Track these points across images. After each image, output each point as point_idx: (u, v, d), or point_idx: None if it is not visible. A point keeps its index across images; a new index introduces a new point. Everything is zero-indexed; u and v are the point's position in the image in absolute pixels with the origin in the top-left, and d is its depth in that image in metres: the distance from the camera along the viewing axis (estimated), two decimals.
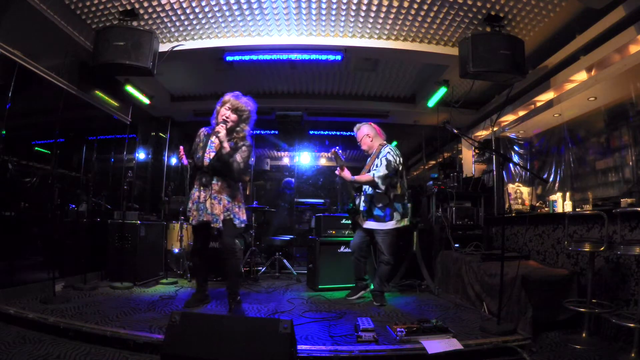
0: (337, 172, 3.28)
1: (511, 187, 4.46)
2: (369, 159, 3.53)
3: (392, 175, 3.33)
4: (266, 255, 5.26)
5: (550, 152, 5.23)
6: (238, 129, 2.98)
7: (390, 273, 3.50)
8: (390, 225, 3.34)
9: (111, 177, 4.82)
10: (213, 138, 2.96)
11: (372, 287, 3.51)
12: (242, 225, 2.96)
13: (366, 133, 3.56)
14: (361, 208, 3.45)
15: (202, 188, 2.90)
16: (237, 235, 3.08)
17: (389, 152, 3.38)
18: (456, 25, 3.61)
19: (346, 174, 3.27)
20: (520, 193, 4.41)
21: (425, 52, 3.94)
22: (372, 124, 3.64)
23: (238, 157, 2.84)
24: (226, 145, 2.79)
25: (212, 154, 2.93)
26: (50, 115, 3.76)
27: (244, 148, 2.90)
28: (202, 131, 3.08)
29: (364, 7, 3.40)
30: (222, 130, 2.81)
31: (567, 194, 3.70)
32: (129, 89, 4.72)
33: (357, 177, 3.35)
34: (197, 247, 3.13)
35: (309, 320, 2.74)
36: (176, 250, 4.60)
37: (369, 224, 3.41)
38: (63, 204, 3.86)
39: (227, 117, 2.90)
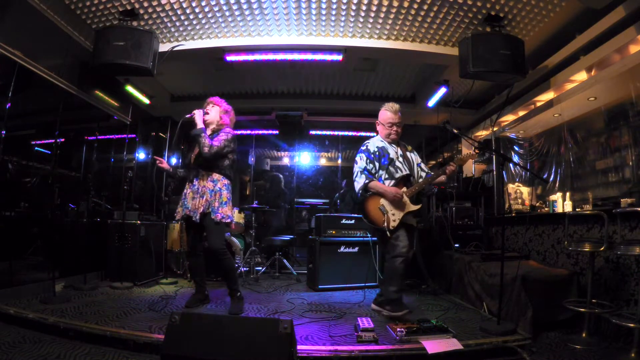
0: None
1: (511, 187, 4.46)
2: (395, 155, 3.00)
3: None
4: (266, 255, 5.26)
5: (550, 152, 5.24)
6: (217, 118, 3.11)
7: None
8: None
9: (111, 177, 4.82)
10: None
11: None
12: (222, 221, 2.91)
13: None
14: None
15: (188, 185, 3.04)
16: (222, 233, 3.04)
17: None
18: (456, 25, 3.61)
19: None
20: (520, 193, 4.41)
21: (425, 52, 3.95)
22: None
23: (215, 141, 2.95)
24: (198, 120, 2.97)
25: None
26: (50, 115, 3.76)
27: (221, 134, 3.03)
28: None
29: (364, 7, 3.40)
30: (198, 111, 2.99)
31: (567, 194, 3.70)
32: (129, 89, 4.73)
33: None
34: (191, 246, 3.16)
35: (308, 320, 2.74)
36: (176, 250, 4.60)
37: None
38: (63, 204, 3.86)
39: (207, 110, 3.11)
